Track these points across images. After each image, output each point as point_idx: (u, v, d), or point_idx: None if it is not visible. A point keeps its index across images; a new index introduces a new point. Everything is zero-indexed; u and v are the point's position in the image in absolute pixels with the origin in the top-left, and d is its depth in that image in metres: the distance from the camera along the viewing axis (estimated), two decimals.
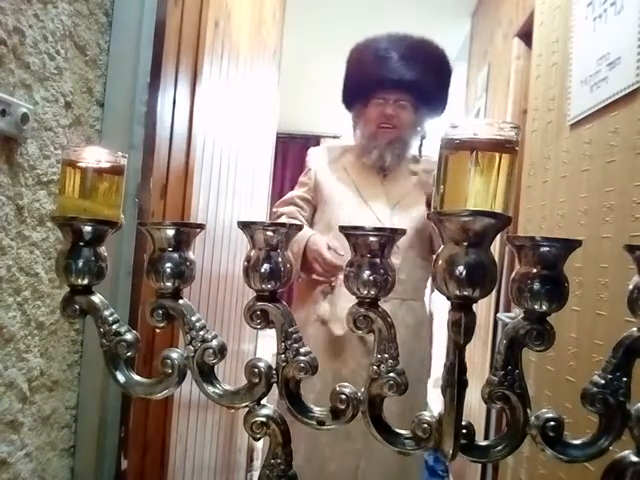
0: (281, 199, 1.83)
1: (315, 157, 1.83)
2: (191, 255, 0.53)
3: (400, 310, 1.64)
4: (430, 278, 1.70)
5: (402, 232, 0.48)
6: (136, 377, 0.54)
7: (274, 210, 1.81)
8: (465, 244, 0.42)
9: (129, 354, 0.53)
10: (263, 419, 0.51)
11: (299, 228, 0.51)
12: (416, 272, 1.69)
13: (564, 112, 1.40)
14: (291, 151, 6.42)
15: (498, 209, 0.42)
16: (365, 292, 0.47)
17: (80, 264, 0.52)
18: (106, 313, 0.54)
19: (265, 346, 2.45)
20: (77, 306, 0.53)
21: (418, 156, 1.80)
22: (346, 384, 0.50)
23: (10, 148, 0.75)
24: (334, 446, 1.59)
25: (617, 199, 1.08)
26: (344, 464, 1.60)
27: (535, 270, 0.44)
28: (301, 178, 1.83)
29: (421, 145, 1.79)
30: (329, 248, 1.58)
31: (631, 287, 0.45)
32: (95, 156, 0.54)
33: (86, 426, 0.99)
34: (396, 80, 1.65)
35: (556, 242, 0.44)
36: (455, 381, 0.44)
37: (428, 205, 1.66)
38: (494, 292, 1.93)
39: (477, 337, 2.31)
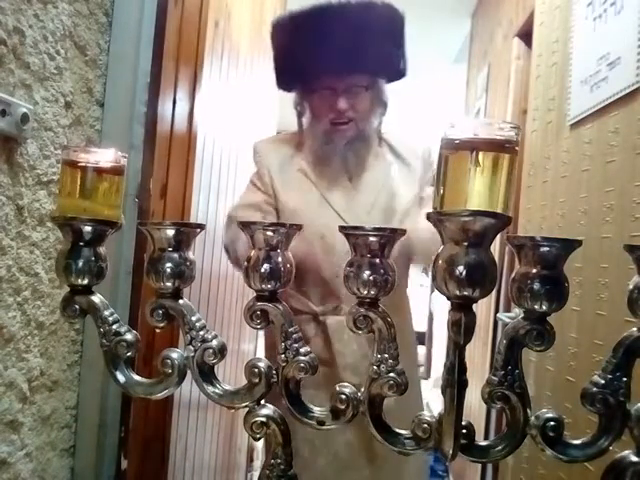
0: (241, 201, 1.46)
1: (265, 155, 1.44)
2: (191, 255, 0.53)
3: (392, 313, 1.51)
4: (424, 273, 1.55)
5: (402, 232, 0.48)
6: (136, 377, 0.54)
7: (231, 214, 1.41)
8: (465, 244, 0.42)
9: (129, 354, 0.53)
10: (263, 419, 0.51)
11: (299, 228, 0.51)
12: (402, 275, 1.50)
13: (564, 112, 1.40)
14: None
15: (498, 209, 0.42)
16: (365, 292, 0.47)
17: (80, 264, 0.52)
18: (106, 313, 0.54)
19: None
20: (77, 306, 0.53)
21: (385, 139, 1.47)
22: (346, 384, 0.50)
23: (10, 148, 0.75)
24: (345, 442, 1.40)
25: (617, 199, 1.08)
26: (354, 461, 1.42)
27: (535, 270, 0.44)
28: (254, 179, 1.44)
29: (381, 122, 1.45)
30: None
31: (631, 287, 0.45)
32: (95, 156, 0.54)
33: (86, 426, 0.99)
34: (343, 63, 1.29)
35: (556, 242, 0.44)
36: (455, 381, 0.44)
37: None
38: (494, 292, 1.92)
39: (477, 337, 2.31)
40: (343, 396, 0.49)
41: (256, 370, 0.51)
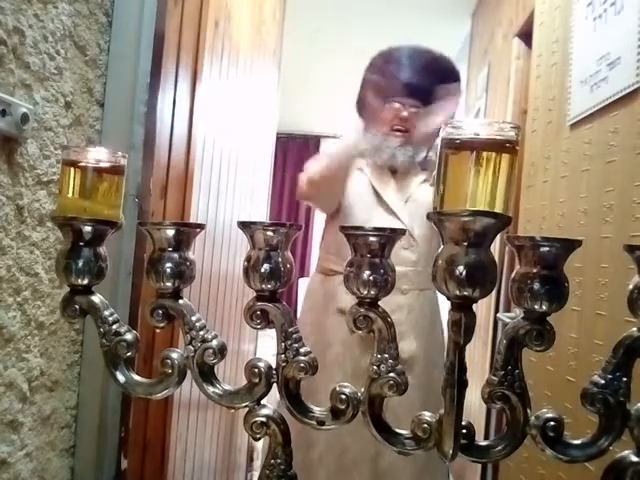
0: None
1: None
2: (191, 255, 0.53)
3: (418, 300, 1.71)
4: None
5: (402, 232, 0.48)
6: (136, 377, 0.54)
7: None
8: (465, 244, 0.42)
9: (129, 354, 0.53)
10: (263, 419, 0.51)
11: (299, 228, 0.51)
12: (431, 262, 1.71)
13: (564, 112, 1.40)
14: (291, 151, 6.42)
15: (498, 209, 0.42)
16: (365, 292, 0.47)
17: (80, 264, 0.52)
18: (106, 313, 0.54)
19: (265, 346, 2.44)
20: (77, 306, 0.53)
21: (426, 161, 1.86)
22: (346, 384, 0.50)
23: (10, 148, 0.75)
24: (354, 434, 1.59)
25: (617, 199, 1.08)
26: (364, 452, 1.63)
27: (535, 270, 0.44)
28: None
29: (427, 157, 1.86)
30: None
31: (631, 287, 0.45)
32: (95, 156, 0.54)
33: (86, 426, 0.99)
34: (415, 86, 1.74)
35: (556, 242, 0.44)
36: (455, 381, 0.44)
37: None
38: (494, 292, 1.93)
39: (477, 337, 2.31)
40: (343, 396, 0.49)
41: (256, 370, 0.51)
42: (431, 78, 1.76)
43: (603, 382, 0.45)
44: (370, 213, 1.74)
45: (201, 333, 0.52)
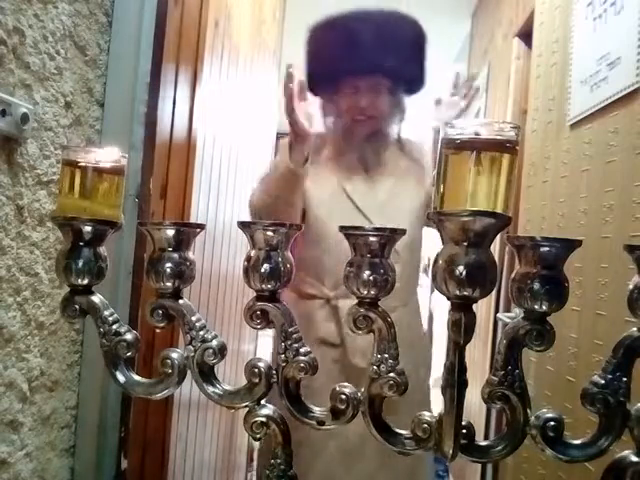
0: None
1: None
2: (191, 255, 0.53)
3: (405, 315, 1.50)
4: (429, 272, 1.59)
5: (402, 232, 0.48)
6: (136, 377, 0.54)
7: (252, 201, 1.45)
8: (465, 244, 0.42)
9: (129, 354, 0.53)
10: (263, 419, 0.51)
11: (299, 228, 0.51)
12: (413, 271, 1.59)
13: (564, 112, 1.40)
14: None
15: (498, 209, 0.42)
16: (365, 292, 0.47)
17: (80, 264, 0.52)
18: (106, 313, 0.54)
19: (265, 346, 2.45)
20: (77, 306, 0.53)
21: (400, 140, 1.58)
22: (346, 384, 0.50)
23: (10, 148, 0.75)
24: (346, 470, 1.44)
25: (617, 199, 1.08)
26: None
27: (535, 270, 0.44)
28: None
29: (400, 128, 1.58)
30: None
31: (631, 287, 0.45)
32: (95, 156, 0.54)
33: (86, 426, 0.99)
34: (368, 64, 1.42)
35: (556, 242, 0.44)
36: (455, 381, 0.44)
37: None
38: (494, 292, 1.92)
39: (477, 337, 2.31)
40: (343, 396, 0.49)
41: (256, 370, 0.51)
42: (384, 45, 1.41)
43: (603, 382, 0.45)
44: (341, 220, 1.40)
45: (201, 333, 0.52)
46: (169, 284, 0.52)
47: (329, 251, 1.44)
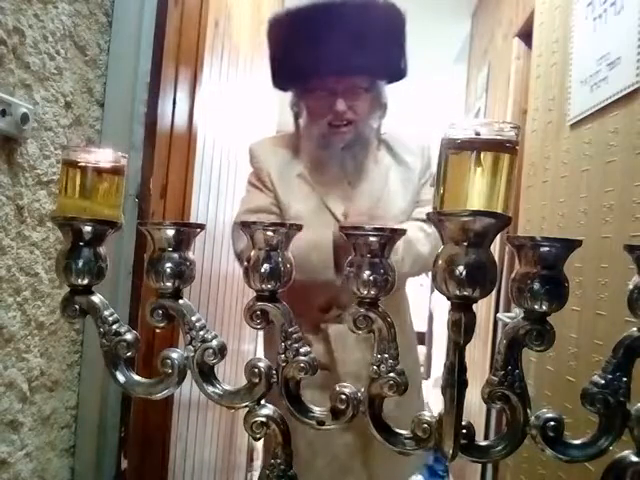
0: (247, 206, 1.38)
1: (264, 159, 1.39)
2: (191, 255, 0.53)
3: (397, 319, 1.44)
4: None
5: (402, 232, 0.48)
6: (136, 377, 0.54)
7: (238, 221, 1.33)
8: (465, 244, 0.42)
9: (129, 354, 0.53)
10: (263, 419, 0.51)
11: (299, 228, 0.51)
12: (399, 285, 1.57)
13: (564, 112, 1.40)
14: None
15: (498, 209, 0.42)
16: (365, 292, 0.47)
17: (80, 264, 0.52)
18: (106, 313, 0.54)
19: None
20: (77, 306, 0.53)
21: (382, 139, 1.44)
22: (346, 384, 0.50)
23: (10, 148, 0.75)
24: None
25: (617, 199, 1.08)
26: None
27: (535, 270, 0.44)
28: (255, 181, 1.39)
29: (380, 125, 1.42)
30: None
31: (631, 287, 0.45)
32: (95, 156, 0.54)
33: (86, 426, 0.99)
34: (342, 64, 1.24)
35: (556, 242, 0.44)
36: (455, 381, 0.44)
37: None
38: (494, 292, 1.92)
39: (477, 337, 2.31)
40: (343, 396, 0.49)
41: (256, 370, 0.51)
42: (358, 37, 1.22)
43: (603, 382, 0.45)
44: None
45: (201, 333, 0.52)
46: (169, 284, 0.52)
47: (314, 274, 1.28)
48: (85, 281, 0.53)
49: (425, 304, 5.03)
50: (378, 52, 1.27)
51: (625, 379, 0.45)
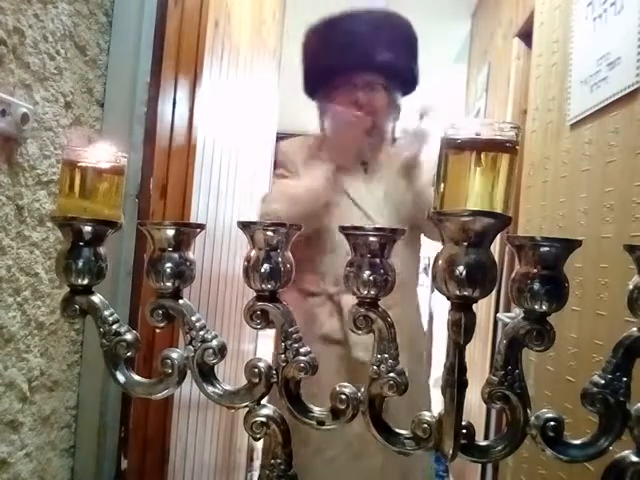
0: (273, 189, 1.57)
1: (292, 153, 1.58)
2: (191, 255, 0.53)
3: (405, 312, 1.50)
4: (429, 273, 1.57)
5: (402, 232, 0.48)
6: (136, 377, 0.54)
7: (270, 209, 1.48)
8: (465, 244, 0.42)
9: (129, 354, 0.53)
10: (263, 419, 0.51)
11: (299, 228, 0.51)
12: (412, 270, 1.61)
13: (564, 112, 1.40)
14: None
15: (498, 209, 0.42)
16: (365, 292, 0.47)
17: (80, 264, 0.52)
18: (106, 313, 0.54)
19: (265, 346, 2.45)
20: (77, 306, 0.53)
21: (395, 139, 1.60)
22: (346, 384, 0.50)
23: (10, 148, 0.75)
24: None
25: (617, 199, 1.08)
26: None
27: (535, 270, 0.44)
28: (280, 172, 1.58)
29: (395, 127, 1.60)
30: None
31: (631, 287, 0.45)
32: (95, 156, 0.54)
33: (86, 426, 0.99)
34: (364, 61, 1.47)
35: (556, 242, 0.44)
36: (455, 381, 0.44)
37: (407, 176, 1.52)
38: (494, 292, 1.92)
39: (477, 337, 2.31)
40: (343, 396, 0.49)
41: (256, 370, 0.51)
42: (379, 43, 1.46)
43: (603, 382, 0.45)
44: (341, 216, 1.46)
45: (201, 333, 0.52)
46: (169, 284, 0.52)
47: (330, 249, 1.46)
48: (85, 281, 0.53)
49: (425, 304, 5.03)
50: (393, 56, 1.49)
51: (625, 379, 0.45)
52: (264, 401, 0.52)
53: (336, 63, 1.48)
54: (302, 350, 0.50)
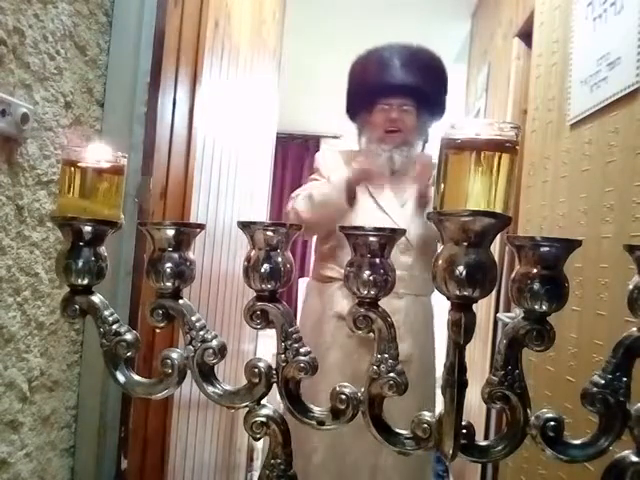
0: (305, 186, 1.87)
1: (327, 160, 1.89)
2: (191, 255, 0.53)
3: (414, 305, 1.74)
4: None
5: (402, 232, 0.48)
6: (136, 377, 0.54)
7: (297, 193, 1.83)
8: (465, 244, 0.42)
9: (129, 354, 0.53)
10: (263, 419, 0.51)
11: (298, 228, 0.51)
12: (428, 268, 1.67)
13: (564, 112, 1.40)
14: (291, 151, 6.42)
15: (498, 209, 0.42)
16: (365, 292, 0.47)
17: (80, 264, 0.52)
18: (106, 313, 0.54)
19: (265, 346, 2.44)
20: (77, 306, 0.53)
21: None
22: (346, 384, 0.50)
23: (10, 148, 0.75)
24: (355, 439, 1.64)
25: (617, 199, 1.08)
26: (363, 459, 1.68)
27: (535, 270, 0.44)
28: (315, 176, 1.88)
29: (423, 149, 1.87)
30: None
31: (631, 287, 0.45)
32: (95, 156, 0.54)
33: (86, 426, 0.99)
34: (399, 86, 1.74)
35: (556, 242, 0.44)
36: (455, 381, 0.44)
37: (421, 197, 1.76)
38: (494, 292, 1.92)
39: (477, 337, 2.30)
40: (343, 396, 0.49)
41: (256, 370, 0.51)
42: (414, 72, 1.76)
43: (603, 382, 0.45)
44: (365, 218, 1.73)
45: (201, 333, 0.52)
46: (169, 284, 0.52)
47: (347, 244, 1.65)
48: (85, 281, 0.53)
49: None
50: (424, 84, 1.76)
51: (625, 379, 0.45)
52: (264, 401, 0.52)
53: (375, 87, 1.78)
54: (302, 350, 0.50)
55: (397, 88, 1.75)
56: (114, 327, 0.53)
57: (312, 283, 1.90)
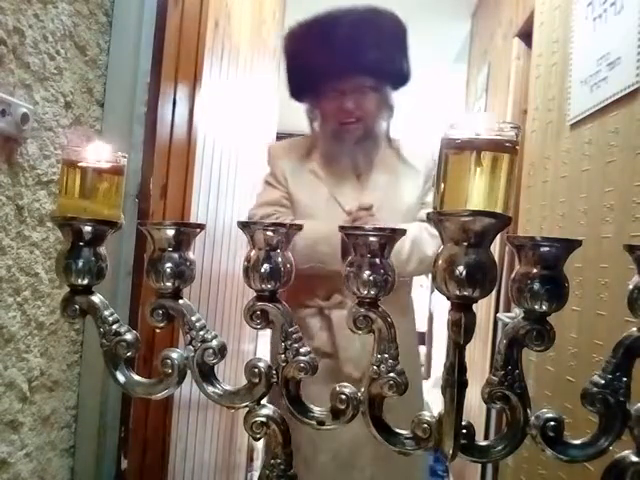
0: (260, 200, 1.51)
1: (281, 156, 1.53)
2: (191, 255, 0.53)
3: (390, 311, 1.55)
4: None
5: (402, 232, 0.48)
6: (136, 377, 0.54)
7: (251, 213, 1.50)
8: (465, 244, 0.42)
9: (129, 354, 0.53)
10: (263, 419, 0.51)
11: (299, 228, 0.51)
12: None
13: (564, 112, 1.40)
14: None
15: (498, 209, 0.42)
16: (365, 292, 0.47)
17: (80, 264, 0.52)
18: (106, 313, 0.54)
19: (265, 346, 2.45)
20: (77, 306, 0.53)
21: (390, 139, 1.54)
22: (346, 384, 0.50)
23: (10, 148, 0.75)
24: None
25: (617, 199, 1.08)
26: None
27: (535, 270, 0.44)
28: (269, 179, 1.52)
29: (389, 127, 1.52)
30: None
31: (631, 287, 0.45)
32: (95, 156, 0.54)
33: (86, 426, 0.99)
34: (348, 65, 1.37)
35: (556, 242, 0.44)
36: (455, 381, 0.44)
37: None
38: (494, 292, 1.92)
39: (477, 337, 2.31)
40: (343, 396, 0.49)
41: (256, 370, 0.51)
42: (363, 42, 1.35)
43: (603, 382, 0.45)
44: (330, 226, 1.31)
45: (201, 333, 0.52)
46: (169, 284, 0.52)
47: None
48: (85, 281, 0.53)
49: (425, 304, 5.03)
50: (381, 55, 1.39)
51: (625, 379, 0.45)
52: (264, 401, 0.52)
53: (319, 68, 1.39)
54: (302, 350, 0.50)
55: (346, 68, 1.37)
56: (114, 327, 0.53)
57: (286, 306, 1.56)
